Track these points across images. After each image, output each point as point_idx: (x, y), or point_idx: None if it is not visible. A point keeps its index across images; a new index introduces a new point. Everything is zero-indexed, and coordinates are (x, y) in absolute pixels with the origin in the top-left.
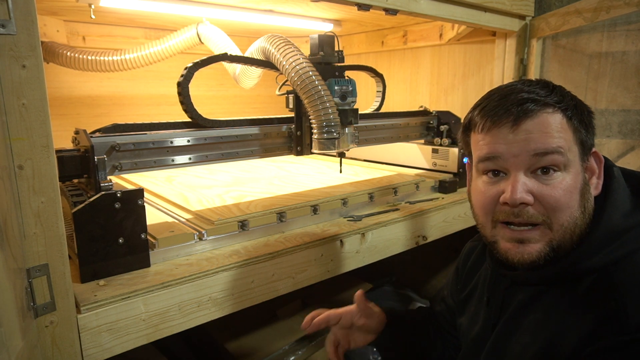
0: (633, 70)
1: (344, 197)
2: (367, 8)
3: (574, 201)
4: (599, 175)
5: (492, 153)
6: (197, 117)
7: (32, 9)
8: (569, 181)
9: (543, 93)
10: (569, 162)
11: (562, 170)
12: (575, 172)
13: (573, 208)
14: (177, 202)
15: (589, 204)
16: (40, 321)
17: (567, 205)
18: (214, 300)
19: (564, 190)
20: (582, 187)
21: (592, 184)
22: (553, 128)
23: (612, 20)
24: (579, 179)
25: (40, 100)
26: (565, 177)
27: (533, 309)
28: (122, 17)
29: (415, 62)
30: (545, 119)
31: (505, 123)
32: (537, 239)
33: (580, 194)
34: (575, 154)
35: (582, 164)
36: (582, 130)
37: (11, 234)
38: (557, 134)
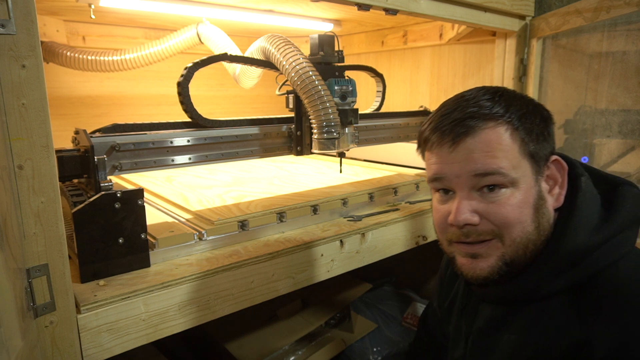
0: (633, 70)
1: (344, 197)
2: (367, 8)
3: (525, 216)
4: (561, 185)
5: (438, 174)
6: (197, 117)
7: (32, 9)
8: (518, 197)
9: (487, 105)
10: (515, 179)
11: (509, 187)
12: (527, 187)
13: (525, 223)
14: (177, 202)
15: (544, 219)
16: (40, 321)
17: (518, 221)
18: (214, 300)
19: (512, 206)
20: (535, 201)
21: (553, 194)
22: (494, 146)
23: (612, 20)
24: (532, 194)
25: (40, 100)
26: (514, 193)
27: (507, 329)
28: (122, 17)
29: (415, 62)
30: (486, 136)
31: (447, 142)
32: (489, 254)
33: (533, 208)
34: (526, 168)
35: (537, 177)
36: (531, 141)
37: (11, 234)
38: (499, 152)
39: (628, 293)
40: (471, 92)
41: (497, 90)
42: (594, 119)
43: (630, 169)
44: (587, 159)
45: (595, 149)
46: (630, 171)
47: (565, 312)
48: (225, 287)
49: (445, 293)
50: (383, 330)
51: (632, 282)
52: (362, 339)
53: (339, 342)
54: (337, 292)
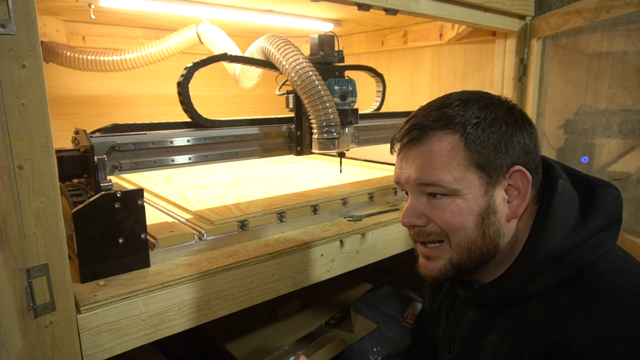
0: (633, 70)
1: (344, 197)
2: (367, 8)
3: (467, 223)
4: (523, 196)
5: (396, 178)
6: (197, 117)
7: (32, 9)
8: (460, 204)
9: (443, 113)
10: (456, 190)
11: (451, 195)
12: (473, 196)
13: (468, 230)
14: (177, 202)
15: (492, 228)
16: (40, 321)
17: (460, 227)
18: (214, 300)
19: (452, 212)
20: (482, 211)
21: (512, 205)
22: (436, 157)
23: (612, 20)
24: (478, 204)
25: (40, 100)
26: (455, 201)
27: (491, 331)
28: (122, 17)
29: (415, 62)
30: (430, 147)
31: (401, 149)
32: (440, 257)
33: (478, 217)
34: (471, 179)
35: (488, 187)
36: (481, 153)
37: (11, 234)
38: (439, 164)
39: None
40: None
41: (468, 97)
42: (594, 119)
43: (630, 169)
44: (587, 159)
45: (595, 149)
46: (630, 171)
47: (544, 313)
48: (225, 287)
49: (435, 294)
50: (383, 330)
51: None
52: (362, 339)
53: (339, 342)
54: (337, 292)
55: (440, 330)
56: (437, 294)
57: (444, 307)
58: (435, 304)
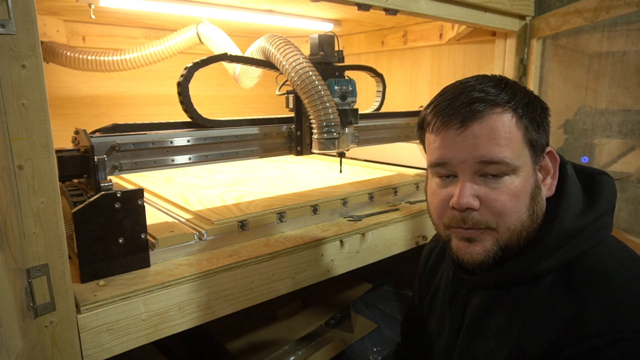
0: (633, 70)
1: (344, 197)
2: (367, 8)
3: (521, 205)
4: (553, 175)
5: (442, 159)
6: (197, 117)
7: (32, 9)
8: (517, 185)
9: (494, 92)
10: (517, 167)
11: (511, 174)
12: (526, 175)
13: (521, 212)
14: (177, 202)
15: (538, 207)
16: (40, 321)
17: (514, 210)
18: (214, 300)
19: (510, 194)
20: (532, 190)
21: (545, 184)
22: (500, 134)
23: (612, 20)
24: (530, 182)
25: (40, 100)
26: (514, 181)
27: (494, 313)
28: (122, 17)
29: (415, 62)
30: (494, 122)
31: (454, 125)
32: (484, 238)
33: (530, 197)
34: (526, 157)
35: (535, 166)
36: (532, 130)
37: (11, 234)
38: (504, 140)
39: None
40: (475, 78)
41: (500, 78)
42: (594, 119)
43: (630, 169)
44: (587, 159)
45: (595, 149)
46: (630, 171)
47: (554, 290)
48: (225, 287)
49: (425, 289)
50: (383, 330)
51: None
52: (362, 339)
53: (339, 342)
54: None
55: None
56: (429, 287)
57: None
58: (426, 298)
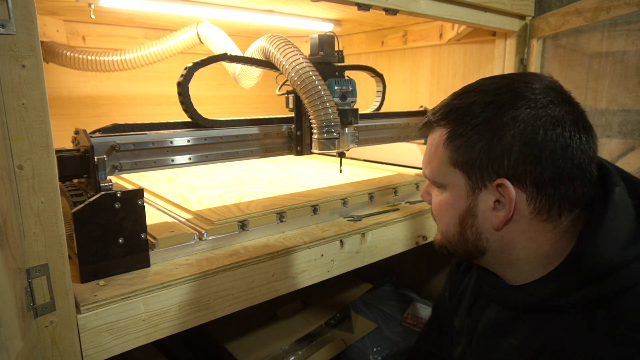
0: (633, 70)
1: (344, 197)
2: (367, 8)
3: (447, 219)
4: (507, 210)
5: None
6: (197, 117)
7: (32, 9)
8: (442, 199)
9: (450, 104)
10: (442, 184)
11: (439, 187)
12: (456, 194)
13: (448, 225)
14: (177, 202)
15: (471, 231)
16: (40, 321)
17: (439, 219)
18: (214, 300)
19: (435, 204)
20: (462, 212)
21: (496, 216)
22: (432, 149)
23: (612, 20)
24: (460, 204)
25: (40, 100)
26: (442, 194)
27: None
28: (122, 17)
29: (415, 62)
30: (432, 137)
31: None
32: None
33: (458, 217)
34: (456, 178)
35: (474, 190)
36: (465, 154)
37: (11, 234)
38: (433, 156)
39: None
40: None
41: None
42: (594, 119)
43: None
44: None
45: None
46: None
47: (576, 329)
48: (225, 287)
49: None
50: (383, 330)
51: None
52: (362, 339)
53: (339, 342)
54: (337, 292)
55: (457, 322)
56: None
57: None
58: (457, 291)
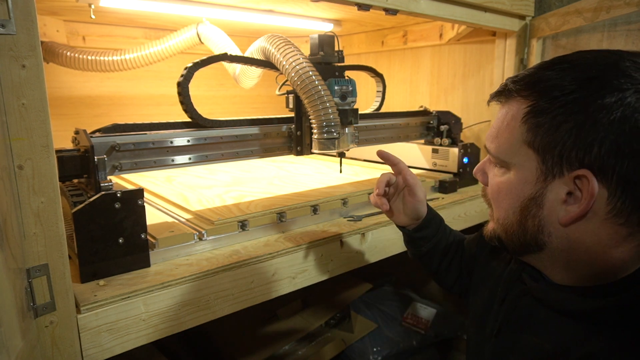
0: None
1: (344, 197)
2: (367, 8)
3: (506, 203)
4: (583, 208)
5: None
6: (197, 117)
7: (32, 9)
8: (503, 180)
9: (536, 76)
10: (507, 163)
11: (502, 167)
12: (522, 178)
13: (506, 210)
14: (177, 202)
15: (533, 222)
16: (40, 321)
17: (497, 203)
18: (214, 300)
19: (493, 185)
20: (525, 199)
21: (567, 210)
22: (503, 123)
23: (612, 20)
24: (524, 189)
25: (40, 100)
26: (503, 175)
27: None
28: (122, 17)
29: (415, 62)
30: (506, 111)
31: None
32: (492, 218)
33: (520, 204)
34: (526, 159)
35: (545, 177)
36: (548, 135)
37: (11, 234)
38: (503, 132)
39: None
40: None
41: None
42: None
43: None
44: None
45: None
46: None
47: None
48: (225, 287)
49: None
50: (383, 330)
51: None
52: (362, 339)
53: (339, 342)
54: (337, 292)
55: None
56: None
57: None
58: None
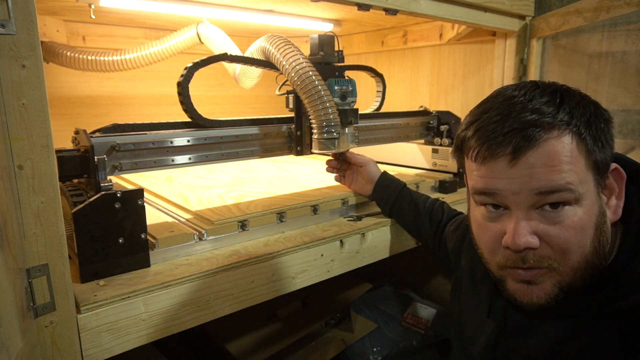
0: (633, 70)
1: (344, 197)
2: (367, 8)
3: (586, 238)
4: (619, 196)
5: (489, 189)
6: (197, 117)
7: (32, 9)
8: (581, 216)
9: (549, 111)
10: (581, 195)
11: (574, 204)
12: (590, 203)
13: (585, 247)
14: (177, 202)
15: (604, 237)
16: (40, 321)
17: (579, 245)
18: (214, 300)
19: (575, 229)
20: (597, 219)
21: (610, 206)
22: (561, 159)
23: (612, 20)
24: (594, 210)
25: (40, 100)
26: (577, 212)
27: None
28: (122, 17)
29: (415, 62)
30: (552, 148)
31: (503, 155)
32: (544, 280)
33: (595, 227)
34: (590, 182)
35: (599, 190)
36: (596, 149)
37: (11, 234)
38: (566, 165)
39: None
40: (522, 91)
41: (554, 90)
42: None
43: None
44: None
45: None
46: None
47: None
48: (225, 287)
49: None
50: (383, 330)
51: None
52: (362, 339)
53: (339, 342)
54: (337, 292)
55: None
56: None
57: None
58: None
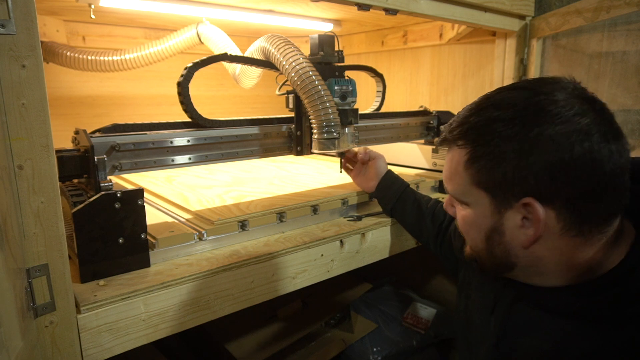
0: (633, 70)
1: (344, 197)
2: (367, 8)
3: (473, 234)
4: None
5: None
6: (197, 117)
7: (32, 9)
8: (466, 215)
9: (467, 122)
10: (466, 202)
11: (463, 204)
12: (480, 212)
13: (474, 240)
14: (177, 202)
15: (499, 249)
16: (40, 321)
17: (466, 233)
18: (214, 300)
19: (460, 219)
20: (488, 230)
21: (526, 235)
22: (454, 168)
23: (612, 20)
24: (486, 222)
25: (40, 100)
26: (466, 210)
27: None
28: (122, 17)
29: (415, 62)
30: (453, 156)
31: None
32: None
33: (484, 235)
34: (479, 197)
35: (499, 209)
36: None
37: (11, 234)
38: (455, 176)
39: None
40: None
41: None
42: None
43: None
44: None
45: None
46: None
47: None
48: (225, 287)
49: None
50: (383, 330)
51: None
52: (362, 339)
53: (339, 342)
54: (337, 292)
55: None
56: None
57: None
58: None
